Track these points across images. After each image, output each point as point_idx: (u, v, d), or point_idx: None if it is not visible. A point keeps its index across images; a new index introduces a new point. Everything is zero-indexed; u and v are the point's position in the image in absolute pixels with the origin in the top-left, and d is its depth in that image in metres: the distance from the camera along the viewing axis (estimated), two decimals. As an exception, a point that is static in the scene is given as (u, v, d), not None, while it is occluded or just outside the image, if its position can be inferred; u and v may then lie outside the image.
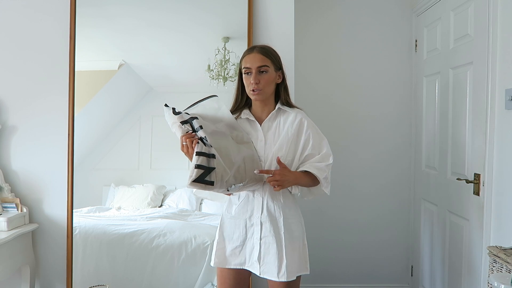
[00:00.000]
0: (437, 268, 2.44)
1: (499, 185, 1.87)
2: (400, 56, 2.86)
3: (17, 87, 2.15)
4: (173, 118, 1.44)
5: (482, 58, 1.94)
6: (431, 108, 2.55)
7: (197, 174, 1.34)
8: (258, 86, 1.54)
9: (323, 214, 2.86)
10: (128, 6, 2.23)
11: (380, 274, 2.92)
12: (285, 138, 1.56)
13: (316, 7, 2.88)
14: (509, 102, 1.77)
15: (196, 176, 1.33)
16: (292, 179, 1.50)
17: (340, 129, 2.85)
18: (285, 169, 1.49)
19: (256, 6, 2.15)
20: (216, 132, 1.46)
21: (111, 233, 2.15)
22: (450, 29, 2.29)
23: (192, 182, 1.34)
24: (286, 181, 1.47)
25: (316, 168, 1.54)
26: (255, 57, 1.55)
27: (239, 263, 1.59)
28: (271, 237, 1.53)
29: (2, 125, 2.13)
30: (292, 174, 1.51)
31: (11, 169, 2.15)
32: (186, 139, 1.40)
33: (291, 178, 1.49)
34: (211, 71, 2.20)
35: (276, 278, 1.51)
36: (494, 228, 1.89)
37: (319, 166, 1.54)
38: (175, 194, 2.38)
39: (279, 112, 1.62)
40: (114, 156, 2.35)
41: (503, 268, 1.53)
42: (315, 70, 2.88)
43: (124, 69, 2.29)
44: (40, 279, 2.18)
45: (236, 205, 1.60)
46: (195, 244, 2.12)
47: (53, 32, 2.13)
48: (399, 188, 2.90)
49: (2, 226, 1.93)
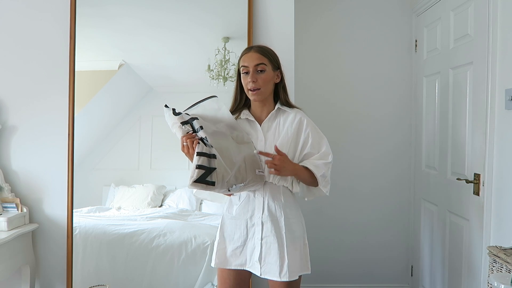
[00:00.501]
0: (437, 268, 2.44)
1: (499, 185, 1.87)
2: (400, 56, 2.86)
3: (17, 87, 2.15)
4: (174, 119, 1.44)
5: (482, 58, 1.94)
6: (431, 108, 2.55)
7: (198, 174, 1.33)
8: (256, 84, 1.53)
9: (323, 214, 2.87)
10: (128, 6, 2.23)
11: (380, 274, 2.92)
12: (285, 138, 1.56)
13: (316, 7, 2.88)
14: (509, 102, 1.77)
15: (197, 176, 1.33)
16: (291, 168, 1.50)
17: (340, 130, 2.85)
18: (285, 157, 1.49)
19: (256, 6, 2.15)
20: (217, 133, 1.46)
21: (111, 233, 2.15)
22: (450, 29, 2.29)
23: (193, 182, 1.33)
24: (284, 168, 1.47)
25: (313, 165, 1.54)
26: (253, 56, 1.55)
27: (240, 263, 1.59)
28: (272, 237, 1.53)
29: (2, 125, 2.13)
30: (291, 164, 1.51)
31: (11, 169, 2.15)
32: (187, 140, 1.40)
33: (290, 167, 1.49)
34: (211, 71, 2.20)
35: (278, 278, 1.51)
36: (494, 228, 1.89)
37: (317, 163, 1.54)
38: (175, 194, 2.38)
39: (278, 112, 1.62)
40: (114, 156, 2.35)
41: (503, 268, 1.53)
42: (315, 70, 2.88)
43: (124, 69, 2.29)
44: (40, 279, 2.18)
45: (236, 205, 1.60)
46: (195, 244, 2.12)
47: (53, 32, 2.14)
48: (399, 188, 2.90)
49: (2, 226, 1.93)
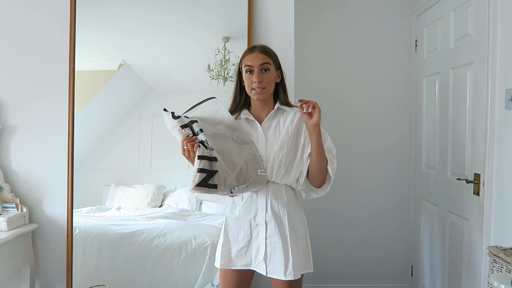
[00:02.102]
0: (437, 268, 2.44)
1: (499, 185, 1.87)
2: (400, 56, 2.86)
3: (17, 87, 2.15)
4: (173, 122, 1.43)
5: (482, 58, 1.94)
6: (431, 108, 2.55)
7: (200, 178, 1.33)
8: (261, 84, 1.54)
9: (323, 213, 2.86)
10: (128, 6, 2.23)
11: (380, 274, 2.92)
12: (285, 137, 1.56)
13: (316, 7, 2.88)
14: (509, 102, 1.77)
15: (199, 180, 1.33)
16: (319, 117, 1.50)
17: (340, 129, 2.85)
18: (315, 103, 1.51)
19: (256, 6, 2.15)
20: (217, 135, 1.46)
21: (111, 233, 2.15)
22: (450, 29, 2.28)
23: (195, 186, 1.33)
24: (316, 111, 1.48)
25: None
26: (258, 56, 1.56)
27: (245, 264, 1.59)
28: (276, 236, 1.53)
29: (2, 125, 2.13)
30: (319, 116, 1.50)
31: (11, 169, 2.15)
32: (187, 143, 1.40)
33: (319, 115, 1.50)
34: (211, 71, 2.20)
35: (283, 277, 1.52)
36: (494, 228, 1.89)
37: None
38: (175, 194, 2.38)
39: (278, 112, 1.62)
40: (114, 156, 2.35)
41: (503, 268, 1.53)
42: (315, 70, 2.88)
43: (124, 69, 2.29)
44: (40, 279, 2.18)
45: (240, 206, 1.60)
46: (195, 244, 2.12)
47: (53, 32, 2.13)
48: (399, 189, 2.90)
49: (2, 226, 1.93)
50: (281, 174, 1.55)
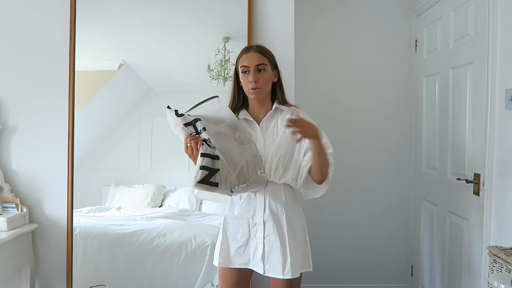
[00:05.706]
0: (437, 268, 2.45)
1: (499, 185, 1.87)
2: (400, 56, 2.86)
3: (17, 87, 2.15)
4: (176, 120, 1.44)
5: (482, 58, 1.94)
6: (431, 108, 2.55)
7: (202, 175, 1.34)
8: (257, 84, 1.54)
9: (323, 213, 2.86)
10: (128, 6, 2.23)
11: (380, 274, 2.92)
12: (283, 137, 1.56)
13: (316, 7, 2.88)
14: (509, 102, 1.77)
15: (201, 177, 1.34)
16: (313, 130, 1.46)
17: (340, 129, 2.85)
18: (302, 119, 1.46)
19: (256, 6, 2.15)
20: (219, 134, 1.46)
21: (111, 233, 2.15)
22: (450, 29, 2.29)
23: (197, 183, 1.34)
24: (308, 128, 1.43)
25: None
26: (253, 56, 1.56)
27: (243, 262, 1.59)
28: (274, 235, 1.54)
29: (2, 125, 2.13)
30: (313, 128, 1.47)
31: (11, 169, 2.15)
32: (191, 141, 1.40)
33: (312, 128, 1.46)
34: (211, 71, 2.20)
35: (281, 275, 1.52)
36: (494, 228, 1.89)
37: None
38: (175, 194, 2.38)
39: (276, 111, 1.63)
40: (114, 156, 2.35)
41: (503, 268, 1.53)
42: (316, 70, 2.88)
43: (124, 69, 2.29)
44: (40, 279, 2.18)
45: (238, 205, 1.60)
46: (195, 244, 2.12)
47: (53, 32, 2.13)
48: (399, 189, 2.90)
49: (2, 226, 1.93)
50: (279, 173, 1.55)
